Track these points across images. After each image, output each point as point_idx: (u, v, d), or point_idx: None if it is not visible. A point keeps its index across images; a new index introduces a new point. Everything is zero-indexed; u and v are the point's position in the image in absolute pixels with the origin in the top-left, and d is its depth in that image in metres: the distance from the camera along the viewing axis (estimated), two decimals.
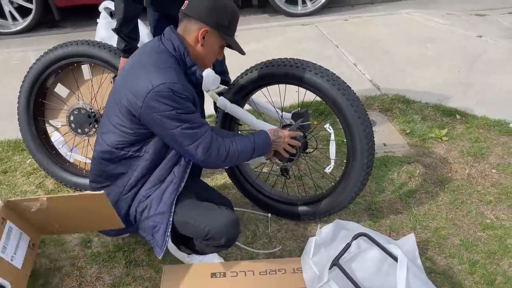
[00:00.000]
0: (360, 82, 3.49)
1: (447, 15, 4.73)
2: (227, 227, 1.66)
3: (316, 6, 4.94)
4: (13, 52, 4.32)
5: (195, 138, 1.57)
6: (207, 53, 1.64)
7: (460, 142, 2.73)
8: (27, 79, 2.22)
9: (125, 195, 1.70)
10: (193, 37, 1.60)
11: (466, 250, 2.00)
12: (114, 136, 1.64)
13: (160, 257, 1.72)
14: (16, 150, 2.77)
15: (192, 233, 1.73)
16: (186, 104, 1.54)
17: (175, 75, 1.54)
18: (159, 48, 1.59)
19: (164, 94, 1.49)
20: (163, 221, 1.68)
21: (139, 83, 1.53)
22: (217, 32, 1.60)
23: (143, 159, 1.66)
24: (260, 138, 1.73)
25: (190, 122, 1.56)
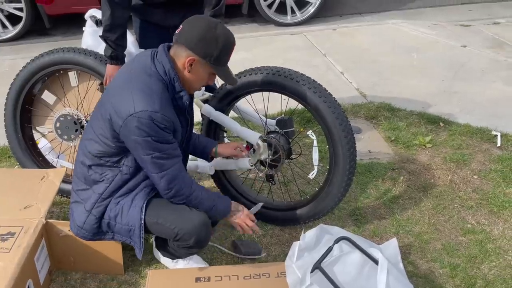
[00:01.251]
0: (347, 90, 3.54)
1: (433, 26, 4.82)
2: (196, 228, 1.68)
3: (305, 16, 5.01)
4: (2, 59, 4.32)
5: (162, 169, 1.60)
6: (195, 80, 1.66)
7: (443, 149, 2.78)
8: (14, 86, 2.24)
9: (100, 203, 1.72)
10: (181, 63, 1.62)
11: (448, 254, 2.04)
12: (96, 145, 1.67)
13: (140, 257, 1.75)
14: (3, 157, 2.76)
15: (162, 234, 1.76)
16: (163, 133, 1.57)
17: (159, 103, 1.55)
18: (150, 70, 1.60)
19: (143, 121, 1.52)
20: (135, 224, 1.71)
21: (123, 103, 1.56)
22: (205, 62, 1.61)
23: (121, 172, 1.69)
24: (221, 204, 1.77)
25: (162, 152, 1.58)
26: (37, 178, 2.05)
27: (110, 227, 1.75)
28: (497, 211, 2.28)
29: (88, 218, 1.73)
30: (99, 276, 1.93)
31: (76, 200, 1.78)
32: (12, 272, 1.58)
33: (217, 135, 2.17)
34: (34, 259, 1.74)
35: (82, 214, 1.74)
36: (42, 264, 1.80)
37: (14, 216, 1.83)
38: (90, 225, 1.73)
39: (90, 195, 1.73)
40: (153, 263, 1.99)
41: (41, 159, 2.41)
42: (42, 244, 1.81)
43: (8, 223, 1.79)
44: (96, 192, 1.72)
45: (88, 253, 1.87)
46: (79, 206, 1.75)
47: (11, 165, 2.68)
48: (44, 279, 1.82)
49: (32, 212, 1.85)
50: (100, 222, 1.74)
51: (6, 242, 1.70)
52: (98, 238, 1.77)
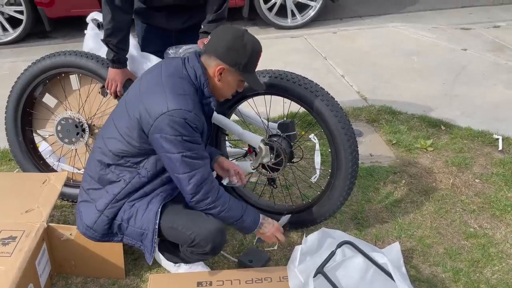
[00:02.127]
0: (348, 94, 3.54)
1: (433, 29, 4.83)
2: (212, 234, 1.67)
3: (305, 19, 5.02)
4: (2, 62, 4.32)
5: (192, 168, 1.60)
6: (225, 88, 1.70)
7: (444, 153, 2.77)
8: (15, 89, 2.23)
9: (114, 204, 1.71)
10: (211, 72, 1.65)
11: (450, 259, 2.03)
12: (119, 144, 1.66)
13: (150, 262, 1.74)
14: (3, 160, 2.76)
15: (177, 240, 1.74)
16: (194, 133, 1.59)
17: (191, 104, 1.58)
18: (181, 74, 1.63)
19: (176, 120, 1.54)
20: (149, 228, 1.69)
21: (155, 103, 1.57)
22: (234, 70, 1.64)
23: (139, 175, 1.69)
24: (250, 216, 1.75)
25: (193, 151, 1.59)
26: (39, 181, 2.04)
27: (121, 229, 1.73)
28: (499, 215, 2.28)
29: (100, 218, 1.71)
30: (100, 280, 1.92)
31: (86, 200, 1.76)
32: (14, 276, 1.57)
33: (219, 138, 2.17)
34: (35, 263, 1.73)
35: (92, 214, 1.72)
36: (43, 268, 1.79)
37: (16, 220, 1.82)
38: (101, 226, 1.71)
39: (103, 195, 1.72)
40: (154, 267, 1.98)
41: (42, 163, 2.40)
42: (43, 248, 1.80)
43: (9, 227, 1.78)
44: (111, 192, 1.70)
45: (89, 257, 1.86)
46: (89, 205, 1.74)
47: (11, 168, 2.68)
48: (45, 283, 1.81)
49: (34, 216, 1.85)
50: (112, 224, 1.72)
51: (7, 246, 1.69)
52: (106, 239, 1.76)
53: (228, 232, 2.18)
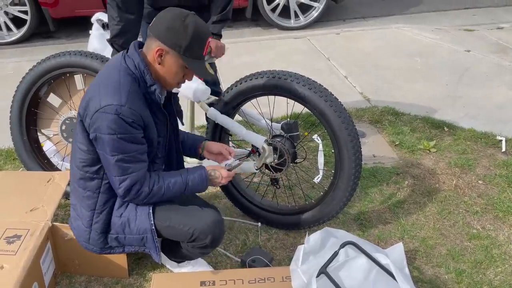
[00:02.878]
0: (351, 94, 3.54)
1: (436, 30, 4.83)
2: (210, 227, 1.67)
3: (308, 20, 5.02)
4: (7, 62, 4.34)
5: (124, 172, 1.56)
6: (167, 73, 1.59)
7: (447, 154, 2.77)
8: (20, 89, 2.24)
9: (97, 218, 1.69)
10: (151, 55, 1.56)
11: (453, 260, 2.03)
12: (77, 154, 1.64)
13: (160, 261, 1.75)
14: (8, 159, 2.77)
15: (176, 236, 1.73)
16: (130, 129, 1.52)
17: (126, 97, 1.51)
18: (120, 66, 1.57)
19: (108, 116, 1.48)
20: (147, 231, 1.69)
21: (91, 100, 1.53)
22: (175, 53, 1.54)
23: (103, 182, 1.65)
24: (195, 177, 1.69)
25: (127, 154, 1.54)
26: (43, 180, 2.06)
27: (120, 241, 1.73)
28: (503, 216, 2.28)
29: (91, 234, 1.71)
30: (104, 279, 1.93)
31: (74, 216, 1.77)
32: (18, 275, 1.58)
33: (223, 138, 2.18)
34: (40, 262, 1.74)
35: (83, 231, 1.73)
36: (47, 267, 1.80)
37: (20, 218, 1.83)
38: (95, 240, 1.72)
39: (82, 212, 1.71)
40: (157, 266, 1.99)
41: (46, 162, 2.41)
42: (48, 247, 1.81)
43: (14, 226, 1.79)
44: (87, 208, 1.69)
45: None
46: (78, 221, 1.74)
47: (16, 167, 2.69)
48: (49, 282, 1.82)
49: (38, 214, 1.86)
50: (106, 237, 1.72)
51: (12, 244, 1.70)
52: (107, 252, 1.76)
53: (231, 232, 2.19)
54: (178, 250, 1.84)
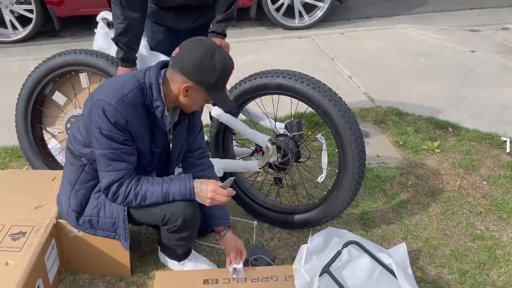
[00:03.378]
0: (355, 94, 3.54)
1: (441, 30, 4.82)
2: (181, 208, 1.66)
3: (313, 20, 5.02)
4: (12, 60, 4.36)
5: (106, 168, 1.60)
6: (191, 103, 1.62)
7: (452, 154, 2.77)
8: (25, 86, 2.26)
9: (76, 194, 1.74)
10: (177, 88, 1.58)
11: (456, 260, 2.03)
12: (73, 130, 1.72)
13: (127, 248, 1.77)
14: (13, 157, 2.79)
15: (150, 220, 1.75)
16: (113, 129, 1.54)
17: (118, 99, 1.53)
18: (138, 73, 1.62)
19: (95, 110, 1.54)
20: (119, 215, 1.72)
21: (95, 91, 1.61)
22: (201, 88, 1.56)
23: (89, 162, 1.68)
24: (177, 187, 1.64)
25: (110, 151, 1.57)
26: (48, 179, 2.07)
27: (92, 224, 1.76)
28: (506, 217, 2.27)
29: (68, 209, 1.76)
30: (107, 277, 1.93)
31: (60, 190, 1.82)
32: (23, 271, 1.60)
33: (226, 137, 2.18)
34: (45, 259, 1.75)
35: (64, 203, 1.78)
36: (52, 264, 1.81)
37: (26, 216, 1.85)
38: (71, 216, 1.77)
39: (65, 186, 1.77)
40: (160, 265, 2.00)
41: (51, 160, 2.43)
42: (52, 244, 1.82)
43: (19, 223, 1.80)
44: (68, 183, 1.75)
45: (95, 255, 1.87)
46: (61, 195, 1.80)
47: (21, 165, 2.71)
48: (53, 279, 1.83)
49: (43, 212, 1.87)
50: (79, 217, 1.76)
51: (17, 241, 1.72)
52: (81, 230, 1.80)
53: (234, 230, 2.19)
54: (165, 245, 1.85)
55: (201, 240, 2.11)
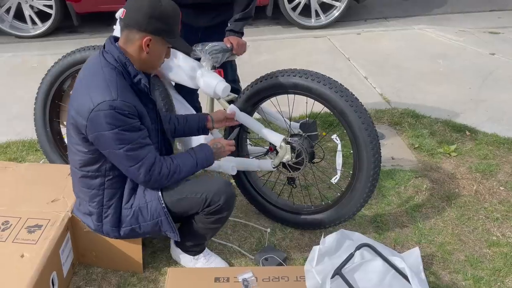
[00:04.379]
0: (370, 95, 3.51)
1: (460, 32, 4.74)
2: (222, 188, 1.71)
3: (329, 20, 4.99)
4: (31, 55, 4.43)
5: (137, 160, 1.58)
6: (154, 59, 1.64)
7: (468, 159, 2.72)
8: (45, 81, 2.29)
9: (106, 213, 1.72)
10: (137, 46, 1.58)
11: (471, 266, 2.00)
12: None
13: (178, 239, 1.78)
14: (30, 150, 2.83)
15: (191, 208, 1.73)
16: (128, 121, 1.54)
17: (115, 91, 1.52)
18: (100, 63, 1.58)
19: (106, 113, 1.50)
20: (160, 215, 1.72)
21: (81, 102, 1.54)
22: (160, 38, 1.59)
23: (106, 178, 1.67)
24: (201, 152, 1.75)
25: (133, 143, 1.56)
26: (65, 173, 2.10)
27: (135, 231, 1.76)
28: None
29: (104, 228, 1.75)
30: (120, 271, 1.95)
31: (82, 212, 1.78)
32: (38, 263, 1.62)
33: (241, 136, 2.18)
34: (59, 252, 1.77)
35: (96, 226, 1.76)
36: (66, 257, 1.84)
37: (42, 209, 1.87)
38: (111, 232, 1.76)
39: (90, 210, 1.73)
40: (173, 261, 2.01)
41: (67, 154, 2.45)
42: (67, 237, 1.85)
43: (35, 216, 1.83)
44: (95, 205, 1.71)
45: (109, 250, 1.89)
46: (88, 218, 1.77)
47: (37, 158, 2.75)
48: (67, 272, 1.85)
49: (59, 205, 1.90)
50: (119, 231, 1.75)
51: (33, 234, 1.74)
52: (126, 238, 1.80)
53: (246, 230, 2.20)
54: (192, 232, 1.84)
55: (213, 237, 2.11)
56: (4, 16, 4.82)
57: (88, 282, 1.90)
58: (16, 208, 1.88)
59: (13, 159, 2.72)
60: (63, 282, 1.81)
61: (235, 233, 2.18)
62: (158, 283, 1.91)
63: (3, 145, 2.89)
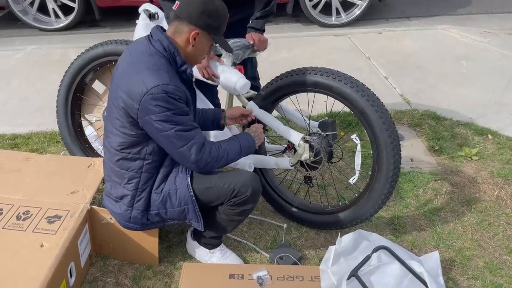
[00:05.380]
0: (390, 96, 3.46)
1: (485, 33, 4.63)
2: (249, 179, 1.74)
3: (350, 18, 4.94)
4: (54, 48, 4.51)
5: (188, 139, 1.61)
6: (198, 53, 1.70)
7: (490, 163, 2.66)
8: (68, 74, 2.33)
9: (139, 197, 1.74)
10: (184, 38, 1.64)
11: (490, 273, 1.95)
12: (117, 138, 1.68)
13: (202, 229, 1.80)
14: (51, 142, 2.88)
15: (217, 197, 1.75)
16: (179, 105, 1.58)
17: (168, 76, 1.57)
18: (150, 50, 1.62)
19: (158, 96, 1.54)
20: (188, 203, 1.74)
21: (133, 86, 1.57)
22: (207, 34, 1.65)
23: (145, 162, 1.70)
24: (245, 139, 1.80)
25: (184, 124, 1.60)
26: (84, 165, 2.13)
27: (161, 216, 1.78)
28: None
29: (133, 213, 1.75)
30: (136, 264, 1.97)
31: (112, 199, 1.80)
32: (57, 253, 1.65)
33: None
34: (78, 243, 1.80)
35: (124, 212, 1.76)
36: (84, 248, 1.86)
37: (62, 200, 1.90)
38: (138, 218, 1.76)
39: (124, 192, 1.74)
40: (188, 255, 2.02)
41: (87, 146, 2.49)
42: (86, 228, 1.88)
43: (55, 206, 1.86)
44: (130, 188, 1.73)
45: (126, 242, 1.91)
46: (117, 204, 1.78)
47: (58, 150, 2.80)
48: (84, 263, 1.88)
49: (78, 197, 1.92)
50: (147, 215, 1.76)
51: (53, 224, 1.77)
52: (149, 228, 1.82)
53: (261, 227, 2.19)
54: (215, 224, 1.85)
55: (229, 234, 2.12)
56: (28, 9, 4.91)
57: (105, 274, 1.93)
58: (37, 199, 1.91)
59: (34, 150, 2.77)
60: (80, 272, 1.84)
61: (250, 230, 2.18)
62: (173, 277, 1.92)
63: (25, 136, 2.95)
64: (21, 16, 4.86)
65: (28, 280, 1.54)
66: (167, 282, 1.90)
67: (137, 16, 2.21)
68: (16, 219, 1.79)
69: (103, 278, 1.91)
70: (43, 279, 1.54)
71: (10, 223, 1.77)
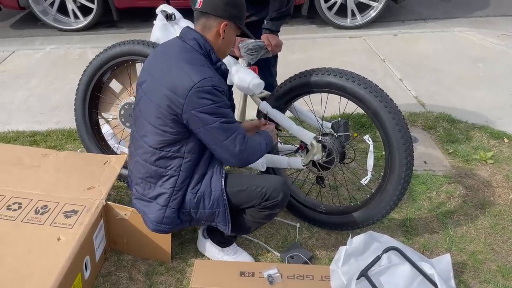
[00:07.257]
0: (405, 98, 3.44)
1: (502, 36, 4.57)
2: (280, 185, 1.78)
3: (365, 20, 4.92)
4: (73, 48, 4.60)
5: (232, 131, 1.65)
6: (227, 44, 1.74)
7: (506, 167, 2.63)
8: (86, 73, 2.38)
9: (175, 196, 1.75)
10: (214, 33, 1.68)
11: (503, 277, 1.93)
12: (156, 137, 1.68)
13: (229, 232, 1.83)
14: (69, 139, 2.95)
15: (248, 200, 1.78)
16: (223, 98, 1.62)
17: (211, 70, 1.63)
18: (186, 48, 1.66)
19: (206, 89, 1.57)
20: (219, 206, 1.77)
21: (179, 81, 1.58)
22: (233, 24, 1.71)
23: (184, 160, 1.72)
24: (267, 136, 1.85)
25: (227, 117, 1.64)
26: (101, 162, 2.17)
27: (191, 215, 1.80)
28: None
29: (167, 212, 1.76)
30: (149, 260, 2.01)
31: (146, 201, 1.81)
32: (73, 247, 1.69)
33: None
34: (93, 237, 1.85)
35: (158, 211, 1.77)
36: (99, 243, 1.91)
37: (78, 195, 1.95)
38: (171, 218, 1.78)
39: (160, 191, 1.76)
40: (200, 253, 2.05)
41: (104, 144, 2.54)
42: (101, 224, 1.92)
43: (72, 202, 1.91)
44: (167, 186, 1.74)
45: (140, 238, 1.95)
46: (150, 205, 1.79)
47: (75, 147, 2.86)
48: (99, 257, 1.93)
49: (94, 193, 1.97)
50: (179, 213, 1.79)
51: (69, 219, 1.82)
52: (179, 228, 1.85)
53: (273, 226, 2.21)
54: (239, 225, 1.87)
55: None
56: (48, 10, 5.02)
57: (119, 268, 1.97)
58: (55, 194, 1.96)
59: (52, 147, 2.84)
60: (95, 266, 1.89)
61: (262, 229, 2.19)
62: (185, 274, 1.95)
63: (44, 133, 3.02)
64: (41, 16, 4.98)
65: (45, 272, 1.59)
66: (179, 278, 1.93)
67: (154, 17, 2.25)
68: (34, 213, 1.84)
69: (117, 273, 1.95)
70: (59, 271, 1.59)
71: (29, 217, 1.82)
